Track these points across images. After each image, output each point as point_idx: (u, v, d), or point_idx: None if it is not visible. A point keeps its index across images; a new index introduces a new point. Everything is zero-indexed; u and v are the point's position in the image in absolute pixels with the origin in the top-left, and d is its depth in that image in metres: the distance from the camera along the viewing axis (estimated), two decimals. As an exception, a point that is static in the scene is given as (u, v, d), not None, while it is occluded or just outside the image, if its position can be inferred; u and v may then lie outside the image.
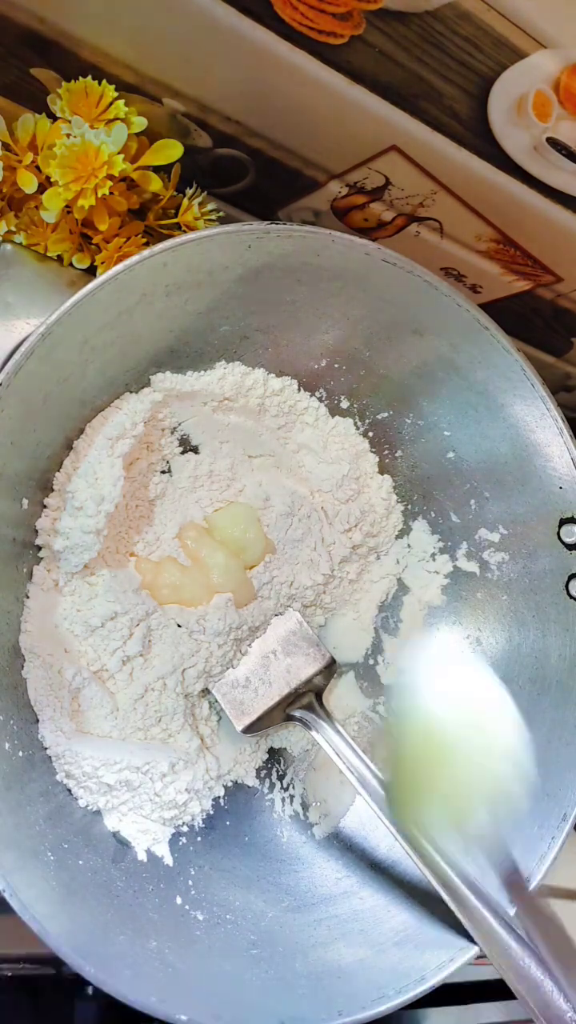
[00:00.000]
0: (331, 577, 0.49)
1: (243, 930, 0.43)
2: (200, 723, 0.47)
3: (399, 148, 0.46)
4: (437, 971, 0.40)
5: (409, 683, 0.44)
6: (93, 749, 0.42)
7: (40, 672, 0.42)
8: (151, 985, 0.37)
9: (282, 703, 0.47)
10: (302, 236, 0.41)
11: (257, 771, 0.49)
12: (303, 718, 0.46)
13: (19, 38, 0.41)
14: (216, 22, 0.39)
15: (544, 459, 0.46)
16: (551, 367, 0.66)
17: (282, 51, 0.40)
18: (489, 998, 0.60)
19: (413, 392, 0.48)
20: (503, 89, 0.41)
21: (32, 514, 0.42)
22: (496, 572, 0.49)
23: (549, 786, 0.44)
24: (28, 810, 0.39)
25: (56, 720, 0.41)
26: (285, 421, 0.48)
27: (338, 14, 0.38)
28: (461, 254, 0.54)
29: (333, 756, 0.45)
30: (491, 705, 0.43)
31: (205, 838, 0.45)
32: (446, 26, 0.38)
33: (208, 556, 0.46)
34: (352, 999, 0.40)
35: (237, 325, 0.44)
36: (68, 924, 0.36)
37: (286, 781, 0.49)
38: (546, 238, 0.52)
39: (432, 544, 0.51)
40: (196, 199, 0.48)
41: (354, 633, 0.51)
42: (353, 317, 0.45)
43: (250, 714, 0.46)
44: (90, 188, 0.42)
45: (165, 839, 0.44)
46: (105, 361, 0.41)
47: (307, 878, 0.46)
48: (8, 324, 0.40)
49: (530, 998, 0.38)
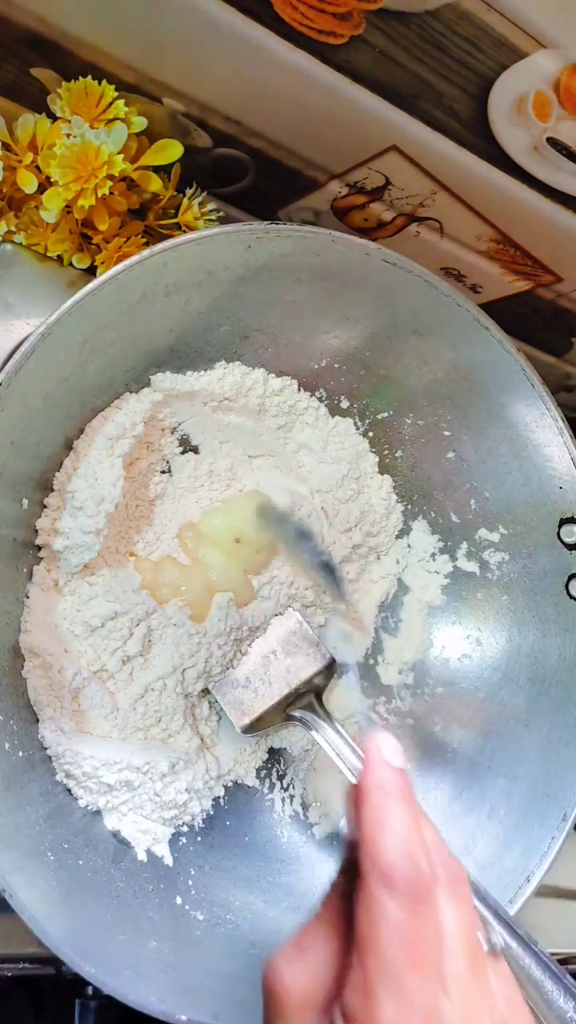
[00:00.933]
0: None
1: (243, 930, 0.43)
2: (200, 723, 0.47)
3: (399, 148, 0.46)
4: (437, 971, 0.40)
5: None
6: (93, 749, 0.42)
7: (40, 672, 0.42)
8: (151, 985, 0.37)
9: (282, 703, 0.47)
10: (302, 236, 0.41)
11: (257, 771, 0.49)
12: (303, 718, 0.46)
13: (19, 38, 0.41)
14: (216, 22, 0.39)
15: (544, 459, 0.46)
16: (551, 367, 0.66)
17: (282, 51, 0.40)
18: (489, 998, 0.60)
19: (413, 392, 0.48)
20: (503, 89, 0.41)
21: (32, 514, 0.42)
22: (496, 572, 0.49)
23: (549, 786, 0.44)
24: (28, 810, 0.39)
25: (56, 720, 0.41)
26: (285, 421, 0.48)
27: (338, 14, 0.38)
28: (461, 254, 0.54)
29: (333, 756, 0.45)
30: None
31: (205, 838, 0.45)
32: (446, 26, 0.38)
33: (206, 555, 0.46)
34: (352, 999, 0.39)
35: (237, 325, 0.44)
36: (68, 924, 0.36)
37: (286, 781, 0.49)
38: (546, 238, 0.52)
39: (432, 544, 0.51)
40: (196, 199, 0.48)
41: (354, 633, 0.51)
42: (353, 317, 0.45)
43: (250, 714, 0.46)
44: (90, 188, 0.42)
45: (165, 839, 0.44)
46: (105, 361, 0.41)
47: (307, 878, 0.46)
48: (8, 324, 0.40)
49: (530, 998, 0.38)
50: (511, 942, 0.39)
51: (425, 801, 0.48)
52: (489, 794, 0.46)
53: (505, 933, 0.39)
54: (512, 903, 0.42)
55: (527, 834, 0.44)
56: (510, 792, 0.46)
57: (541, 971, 0.38)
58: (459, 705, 0.50)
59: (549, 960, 0.38)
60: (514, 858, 0.44)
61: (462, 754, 0.48)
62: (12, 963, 0.46)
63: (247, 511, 0.47)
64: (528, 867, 0.43)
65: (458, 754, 0.49)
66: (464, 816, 0.47)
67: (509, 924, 0.40)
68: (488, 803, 0.46)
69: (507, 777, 0.46)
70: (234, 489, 0.48)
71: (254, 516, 0.47)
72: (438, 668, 0.51)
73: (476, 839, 0.45)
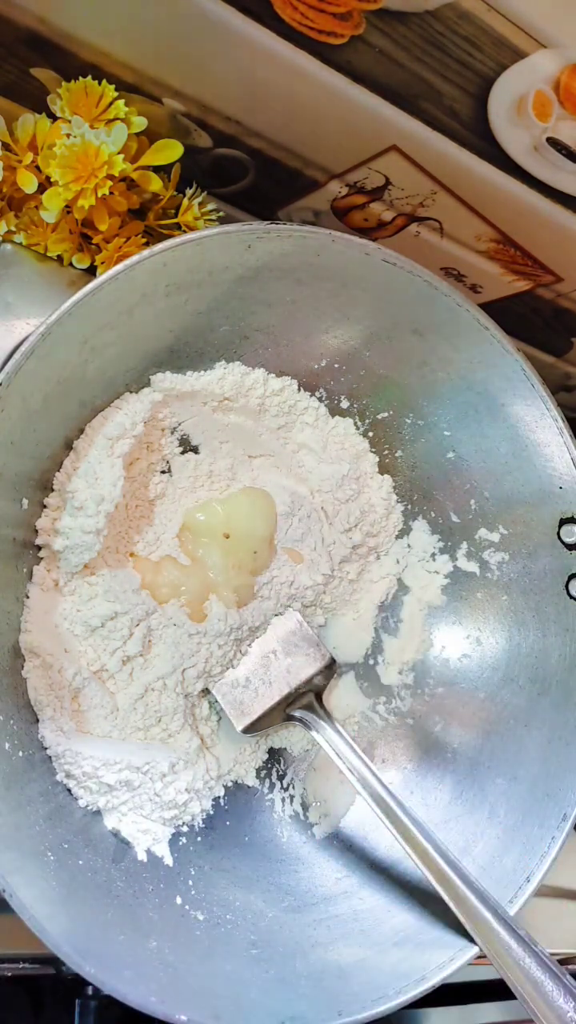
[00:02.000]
0: (331, 577, 0.49)
1: (243, 930, 0.43)
2: (200, 723, 0.47)
3: (399, 148, 0.46)
4: (437, 971, 0.40)
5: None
6: (93, 749, 0.42)
7: (40, 672, 0.42)
8: (151, 985, 0.37)
9: (282, 703, 0.47)
10: (302, 236, 0.41)
11: (257, 771, 0.49)
12: (303, 718, 0.46)
13: (19, 38, 0.41)
14: (216, 22, 0.39)
15: (544, 459, 0.46)
16: (551, 367, 0.67)
17: (282, 51, 0.40)
18: (489, 998, 0.60)
19: (413, 392, 0.48)
20: (503, 89, 0.41)
21: (32, 514, 0.42)
22: (496, 572, 0.49)
23: (549, 786, 0.44)
24: (28, 810, 0.39)
25: (56, 720, 0.41)
26: (285, 421, 0.48)
27: (338, 14, 0.38)
28: (461, 254, 0.54)
29: (333, 756, 0.45)
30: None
31: (205, 838, 0.45)
32: (446, 26, 0.38)
33: (206, 555, 0.46)
34: (352, 999, 0.40)
35: (237, 325, 0.44)
36: (68, 924, 0.36)
37: (286, 781, 0.49)
38: (546, 238, 0.52)
39: (432, 544, 0.51)
40: (196, 199, 0.48)
41: (354, 633, 0.51)
42: (353, 317, 0.45)
43: (250, 714, 0.46)
44: (90, 188, 0.42)
45: (165, 839, 0.44)
46: (105, 361, 0.41)
47: (307, 878, 0.46)
48: (8, 324, 0.40)
49: (530, 998, 0.38)
50: (511, 942, 0.39)
51: (425, 801, 0.48)
52: (489, 794, 0.46)
53: (505, 933, 0.39)
54: (512, 903, 0.42)
55: (527, 834, 0.44)
56: (510, 792, 0.46)
57: (541, 971, 0.38)
58: (459, 705, 0.50)
59: (549, 960, 0.38)
60: (514, 858, 0.44)
61: (462, 754, 0.48)
62: (12, 963, 0.46)
63: (235, 506, 0.47)
64: (528, 867, 0.43)
65: (458, 754, 0.49)
66: (464, 816, 0.47)
67: (509, 924, 0.40)
68: (488, 803, 0.46)
69: (507, 777, 0.46)
70: (234, 489, 0.48)
71: (244, 511, 0.47)
72: (438, 668, 0.51)
73: (476, 839, 0.45)
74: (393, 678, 0.51)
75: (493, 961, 0.39)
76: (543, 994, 0.38)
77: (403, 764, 0.50)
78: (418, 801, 0.48)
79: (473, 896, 0.41)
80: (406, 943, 0.42)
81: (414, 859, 0.42)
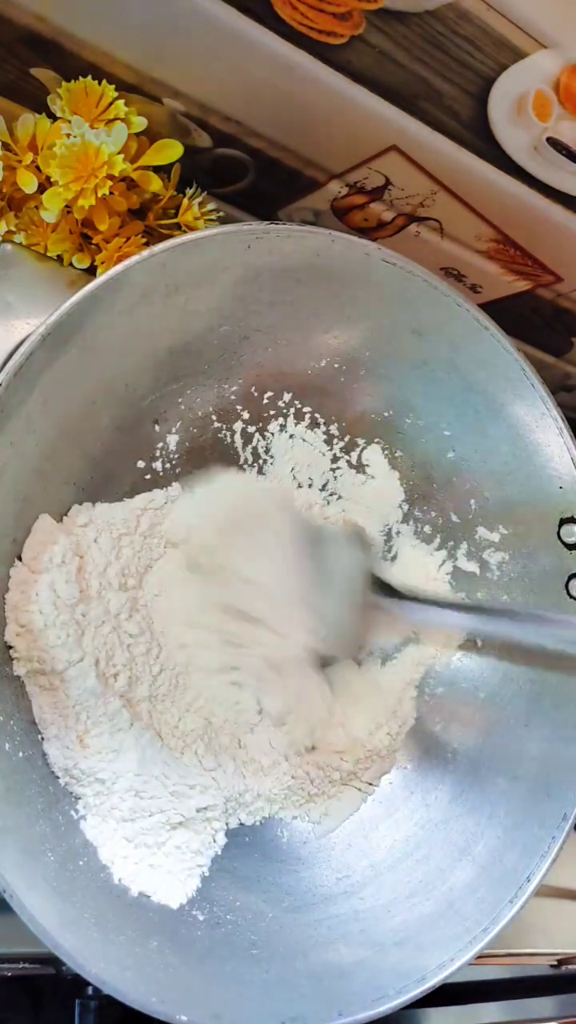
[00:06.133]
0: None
1: (243, 930, 0.43)
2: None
3: (399, 148, 0.46)
4: (437, 971, 0.40)
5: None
6: (97, 761, 0.42)
7: (46, 693, 0.41)
8: (151, 985, 0.37)
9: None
10: (302, 236, 0.41)
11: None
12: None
13: (19, 38, 0.41)
14: (216, 22, 0.39)
15: (544, 459, 0.46)
16: (551, 367, 0.67)
17: (282, 51, 0.40)
18: (489, 998, 0.60)
19: (413, 392, 0.48)
20: (503, 89, 0.42)
21: (31, 515, 0.42)
22: (496, 572, 0.49)
23: (549, 786, 0.44)
24: (28, 810, 0.39)
25: (61, 738, 0.41)
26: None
27: (338, 14, 0.39)
28: (461, 254, 0.54)
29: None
30: None
31: (205, 838, 0.45)
32: (446, 26, 0.38)
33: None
34: (352, 999, 0.40)
35: (237, 325, 0.44)
36: (68, 924, 0.36)
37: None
38: (546, 238, 0.52)
39: (432, 544, 0.51)
40: (196, 199, 0.48)
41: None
42: (353, 317, 0.45)
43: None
44: (90, 188, 0.42)
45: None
46: (106, 361, 0.41)
47: (307, 878, 0.46)
48: (8, 324, 0.40)
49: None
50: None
51: (425, 801, 0.48)
52: (489, 794, 0.46)
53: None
54: (512, 903, 0.42)
55: (527, 834, 0.44)
56: (510, 792, 0.46)
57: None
58: (459, 705, 0.50)
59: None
60: (514, 858, 0.43)
61: (462, 754, 0.48)
62: (12, 963, 0.46)
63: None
64: (528, 867, 0.43)
65: (458, 754, 0.49)
66: (464, 816, 0.47)
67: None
68: (488, 803, 0.46)
69: (507, 777, 0.46)
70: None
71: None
72: (438, 668, 0.51)
73: (476, 839, 0.45)
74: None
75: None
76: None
77: (403, 764, 0.49)
78: (418, 801, 0.48)
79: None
80: (406, 943, 0.42)
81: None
